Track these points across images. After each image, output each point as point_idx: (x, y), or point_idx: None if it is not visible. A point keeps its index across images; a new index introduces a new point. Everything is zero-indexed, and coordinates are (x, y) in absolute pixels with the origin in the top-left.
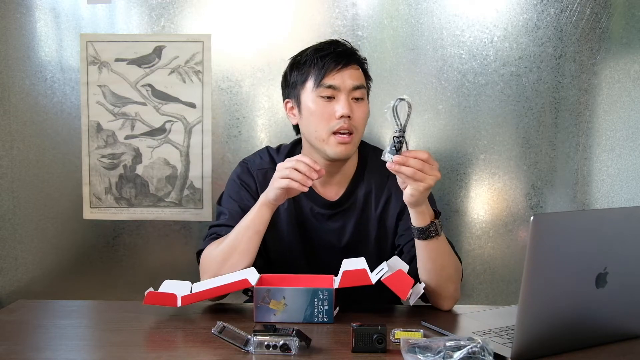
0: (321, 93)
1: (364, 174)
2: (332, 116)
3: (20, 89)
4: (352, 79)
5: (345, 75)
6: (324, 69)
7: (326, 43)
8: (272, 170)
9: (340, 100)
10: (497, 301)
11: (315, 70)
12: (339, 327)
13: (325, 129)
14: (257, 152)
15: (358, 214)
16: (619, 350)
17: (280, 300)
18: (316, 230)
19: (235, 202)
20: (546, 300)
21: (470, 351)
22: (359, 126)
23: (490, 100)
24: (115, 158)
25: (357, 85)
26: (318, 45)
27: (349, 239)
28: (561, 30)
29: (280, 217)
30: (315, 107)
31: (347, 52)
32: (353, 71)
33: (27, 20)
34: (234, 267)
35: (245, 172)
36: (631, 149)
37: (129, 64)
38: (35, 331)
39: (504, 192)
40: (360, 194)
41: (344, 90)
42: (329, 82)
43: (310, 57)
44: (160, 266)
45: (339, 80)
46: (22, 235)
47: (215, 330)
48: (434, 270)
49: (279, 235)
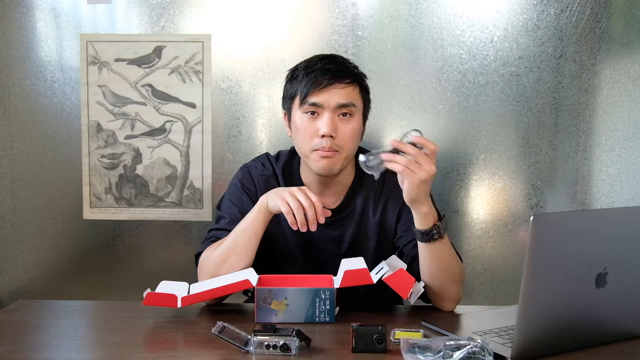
0: (305, 110)
1: (362, 181)
2: (315, 134)
3: (20, 89)
4: (338, 97)
5: (331, 94)
6: (307, 86)
7: (319, 58)
8: (274, 178)
9: (323, 117)
10: (497, 301)
11: (301, 86)
12: (339, 327)
13: (308, 146)
14: (258, 158)
15: (357, 221)
16: (619, 350)
17: (282, 300)
18: (315, 239)
19: (236, 206)
20: (546, 300)
21: (470, 351)
22: (344, 144)
23: (490, 100)
24: (115, 158)
25: (342, 103)
26: (310, 60)
27: (348, 246)
28: (561, 30)
29: (281, 224)
30: (300, 124)
31: (335, 69)
32: (339, 89)
33: (27, 20)
34: (232, 269)
35: (247, 177)
36: (631, 149)
37: (129, 64)
38: (35, 331)
39: (504, 192)
40: (358, 202)
41: (327, 108)
42: (312, 100)
43: (300, 72)
44: (160, 266)
45: (323, 98)
46: (22, 235)
47: (215, 330)
48: (436, 272)
49: (278, 242)
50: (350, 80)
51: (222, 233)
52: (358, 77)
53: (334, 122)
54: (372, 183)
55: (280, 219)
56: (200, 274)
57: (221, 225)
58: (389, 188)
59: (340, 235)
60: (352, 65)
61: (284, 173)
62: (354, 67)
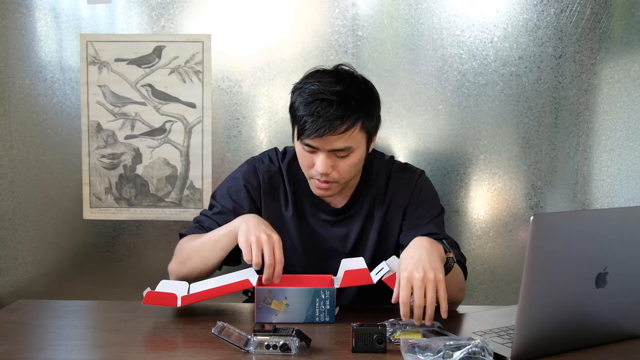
0: (303, 145)
1: (369, 181)
2: (312, 165)
3: (20, 89)
4: (332, 143)
5: (325, 141)
6: (303, 128)
7: (319, 93)
8: (279, 175)
9: (319, 156)
10: (497, 301)
11: (298, 123)
12: (339, 327)
13: (306, 172)
14: (267, 152)
15: (362, 220)
16: (619, 350)
17: (282, 300)
18: (320, 237)
19: (232, 200)
20: (546, 300)
21: (470, 351)
22: (341, 177)
23: (490, 100)
24: (115, 158)
25: (337, 148)
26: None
27: (353, 244)
28: (561, 30)
29: (285, 222)
30: (299, 151)
31: (331, 116)
32: (335, 137)
33: (27, 20)
34: (193, 269)
35: (252, 172)
36: (631, 149)
37: (129, 64)
38: (35, 331)
39: (504, 192)
40: (365, 201)
41: (322, 150)
42: (307, 142)
43: (299, 104)
44: (161, 266)
45: (318, 143)
46: (22, 235)
47: (215, 330)
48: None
49: (283, 240)
50: (346, 127)
51: (208, 221)
52: (358, 118)
53: (331, 160)
54: (378, 182)
55: (285, 219)
56: (174, 256)
57: (210, 213)
58: (394, 187)
59: (346, 234)
60: (356, 102)
61: (289, 171)
62: (357, 103)
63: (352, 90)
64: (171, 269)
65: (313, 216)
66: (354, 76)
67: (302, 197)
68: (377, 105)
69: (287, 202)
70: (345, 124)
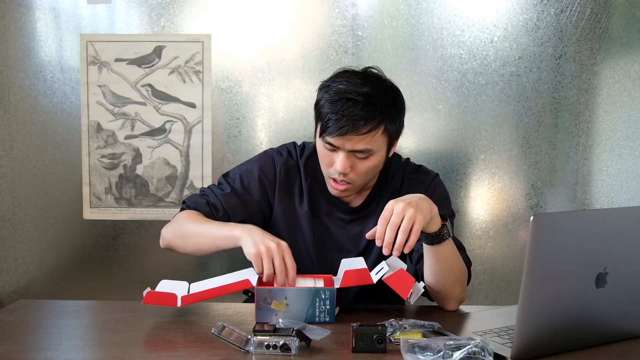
0: (324, 142)
1: (386, 182)
2: (331, 163)
3: (20, 89)
4: (353, 144)
5: (347, 140)
6: (326, 126)
7: (346, 93)
8: (296, 170)
9: (339, 155)
10: (497, 301)
11: (322, 120)
12: (339, 327)
13: (325, 171)
14: (285, 145)
15: (377, 219)
16: (619, 350)
17: (282, 300)
18: (333, 234)
19: (242, 186)
20: (546, 300)
21: (470, 351)
22: (357, 180)
23: (490, 100)
24: (115, 158)
25: (358, 149)
26: (337, 92)
27: (366, 243)
28: (561, 30)
29: (298, 217)
30: (320, 150)
31: (356, 116)
32: (357, 137)
33: (27, 20)
34: (185, 248)
35: (269, 163)
36: (631, 149)
37: (129, 64)
38: (35, 331)
39: (504, 192)
40: (381, 201)
41: (343, 149)
42: (328, 139)
43: (324, 102)
44: (160, 266)
45: (339, 142)
46: (22, 235)
47: (215, 330)
48: (440, 272)
49: (295, 236)
50: (369, 129)
51: (214, 198)
52: (382, 121)
53: (350, 160)
54: (394, 183)
55: (299, 215)
56: (172, 222)
57: (218, 191)
58: (408, 187)
59: (361, 232)
60: (381, 105)
61: (306, 166)
62: (382, 106)
63: (379, 93)
64: (165, 234)
65: (328, 213)
66: (382, 80)
67: (318, 193)
68: (401, 111)
69: (302, 197)
70: (368, 126)
